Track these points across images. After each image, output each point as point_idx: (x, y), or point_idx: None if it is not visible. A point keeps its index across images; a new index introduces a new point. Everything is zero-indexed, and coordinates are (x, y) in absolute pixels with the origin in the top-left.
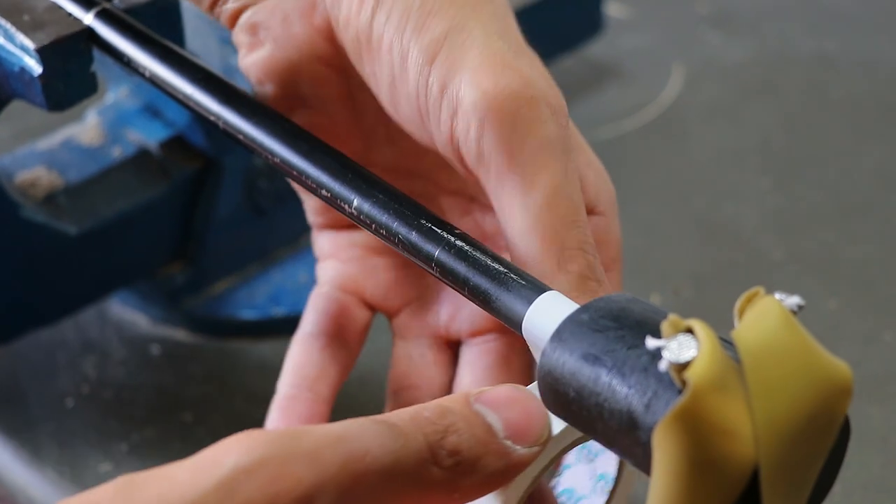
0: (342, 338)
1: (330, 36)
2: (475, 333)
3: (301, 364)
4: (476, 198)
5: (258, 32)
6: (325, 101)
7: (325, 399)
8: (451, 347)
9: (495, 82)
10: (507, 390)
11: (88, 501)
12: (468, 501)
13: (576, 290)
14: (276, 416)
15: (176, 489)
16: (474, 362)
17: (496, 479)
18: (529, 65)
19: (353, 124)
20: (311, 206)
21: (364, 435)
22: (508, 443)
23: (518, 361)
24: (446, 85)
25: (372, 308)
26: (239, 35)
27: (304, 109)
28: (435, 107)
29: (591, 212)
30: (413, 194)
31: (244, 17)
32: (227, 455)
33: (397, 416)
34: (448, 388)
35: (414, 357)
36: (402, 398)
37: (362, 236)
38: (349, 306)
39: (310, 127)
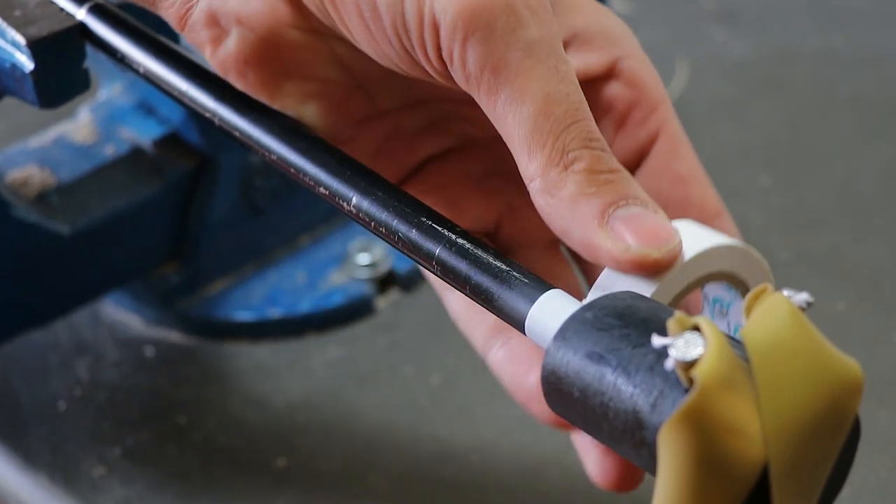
0: None
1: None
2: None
3: None
4: None
5: (218, 22)
6: (310, 66)
7: None
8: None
9: None
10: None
11: None
12: None
13: (589, 188)
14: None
15: None
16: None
17: None
18: None
19: (347, 80)
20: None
21: None
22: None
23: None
24: (422, 10)
25: None
26: (197, 33)
27: (294, 83)
28: (417, 38)
29: (611, 68)
30: (435, 121)
31: (196, 13)
32: None
33: None
34: None
35: None
36: None
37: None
38: None
39: (305, 98)
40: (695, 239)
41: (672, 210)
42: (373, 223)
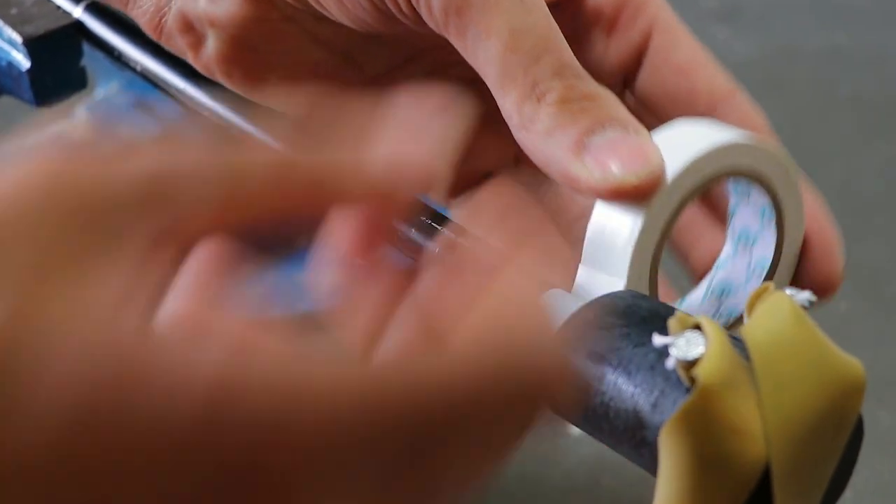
0: None
1: None
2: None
3: None
4: None
5: (192, 26)
6: (290, 52)
7: None
8: None
9: None
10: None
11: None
12: None
13: (562, 119)
14: None
15: None
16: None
17: None
18: None
19: (330, 56)
20: None
21: None
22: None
23: None
24: None
25: None
26: (175, 41)
27: (278, 72)
28: None
29: (616, 15)
30: (431, 73)
31: (170, 21)
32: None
33: None
34: None
35: None
36: None
37: None
38: None
39: (294, 84)
40: (686, 144)
41: (682, 103)
42: None
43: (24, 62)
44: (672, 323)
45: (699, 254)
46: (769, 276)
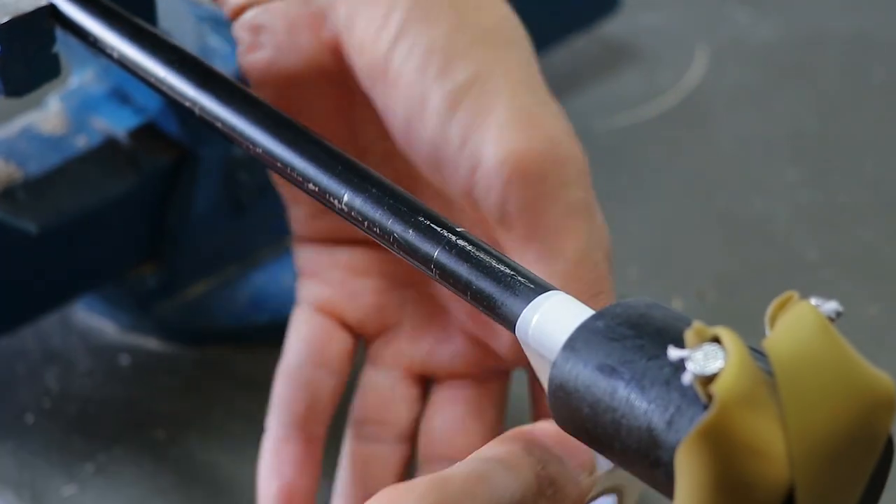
0: (327, 367)
1: (337, 52)
2: (452, 376)
3: (288, 400)
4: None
5: (261, 35)
6: (323, 114)
7: (317, 437)
8: (422, 384)
9: (521, 142)
10: (551, 425)
11: None
12: None
13: None
14: (269, 460)
15: None
16: (446, 407)
17: None
18: (554, 120)
19: (349, 141)
20: (295, 215)
21: (498, 474)
22: (577, 471)
23: (491, 414)
24: (468, 138)
25: (353, 332)
26: (240, 31)
27: (299, 120)
28: (454, 157)
29: None
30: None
31: (248, 15)
32: None
33: (509, 452)
34: (414, 427)
35: (382, 388)
36: (367, 432)
37: (347, 256)
38: (330, 332)
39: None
40: None
41: None
42: (366, 222)
43: None
44: (689, 335)
45: None
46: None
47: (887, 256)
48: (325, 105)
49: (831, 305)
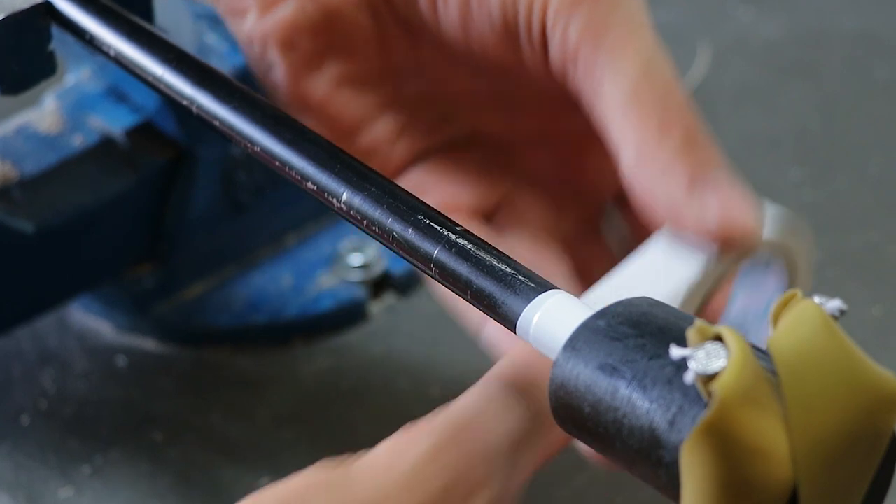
0: None
1: None
2: None
3: None
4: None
5: None
6: (357, 47)
7: None
8: None
9: None
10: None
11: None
12: None
13: (683, 156)
14: None
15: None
16: None
17: None
18: None
19: (384, 65)
20: None
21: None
22: None
23: None
24: None
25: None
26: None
27: (334, 61)
28: (525, 18)
29: None
30: (446, 115)
31: None
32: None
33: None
34: None
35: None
36: None
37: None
38: None
39: (339, 77)
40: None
41: None
42: (365, 221)
43: None
44: (691, 333)
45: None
46: None
47: (891, 256)
48: (360, 37)
49: (835, 304)
